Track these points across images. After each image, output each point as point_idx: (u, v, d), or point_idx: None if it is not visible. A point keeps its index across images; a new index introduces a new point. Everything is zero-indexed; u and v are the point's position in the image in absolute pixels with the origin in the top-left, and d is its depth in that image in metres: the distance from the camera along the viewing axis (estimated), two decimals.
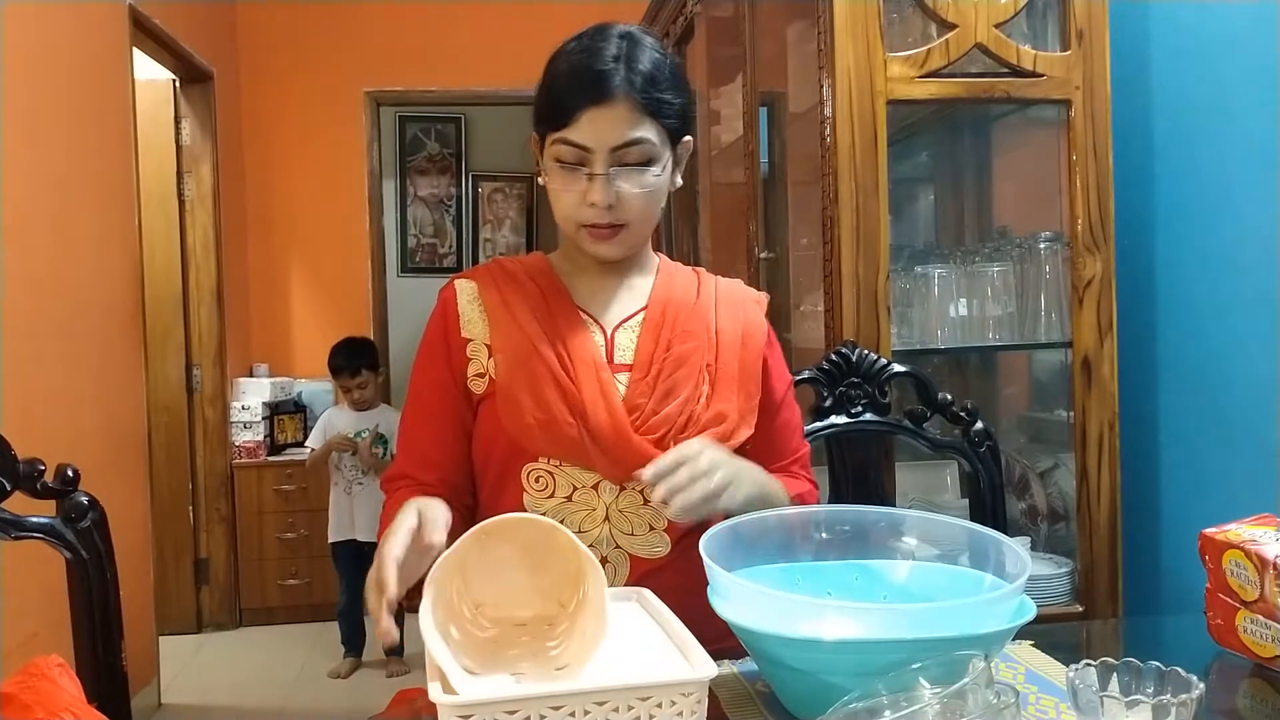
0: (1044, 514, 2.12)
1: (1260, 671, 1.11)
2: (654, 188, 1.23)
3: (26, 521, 1.25)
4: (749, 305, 1.35)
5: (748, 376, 1.29)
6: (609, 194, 1.20)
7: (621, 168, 1.21)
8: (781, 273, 2.49)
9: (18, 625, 2.39)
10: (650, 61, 1.21)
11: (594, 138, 1.19)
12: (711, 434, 1.23)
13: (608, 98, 1.19)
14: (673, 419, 1.23)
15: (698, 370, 1.26)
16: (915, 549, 1.12)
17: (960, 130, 2.47)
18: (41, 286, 2.77)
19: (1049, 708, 1.00)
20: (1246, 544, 1.12)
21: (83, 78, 3.09)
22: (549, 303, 1.30)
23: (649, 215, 1.26)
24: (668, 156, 1.24)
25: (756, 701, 1.03)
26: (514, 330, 1.28)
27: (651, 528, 1.24)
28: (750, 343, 1.31)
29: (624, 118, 1.19)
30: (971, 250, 2.15)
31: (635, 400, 1.24)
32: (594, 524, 1.23)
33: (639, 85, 1.19)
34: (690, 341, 1.27)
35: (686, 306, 1.31)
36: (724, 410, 1.26)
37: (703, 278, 1.37)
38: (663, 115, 1.22)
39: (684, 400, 1.24)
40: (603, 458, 1.22)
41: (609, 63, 1.20)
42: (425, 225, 6.29)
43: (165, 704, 3.51)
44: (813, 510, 1.19)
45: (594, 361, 1.25)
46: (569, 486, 1.24)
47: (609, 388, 1.24)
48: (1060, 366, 2.10)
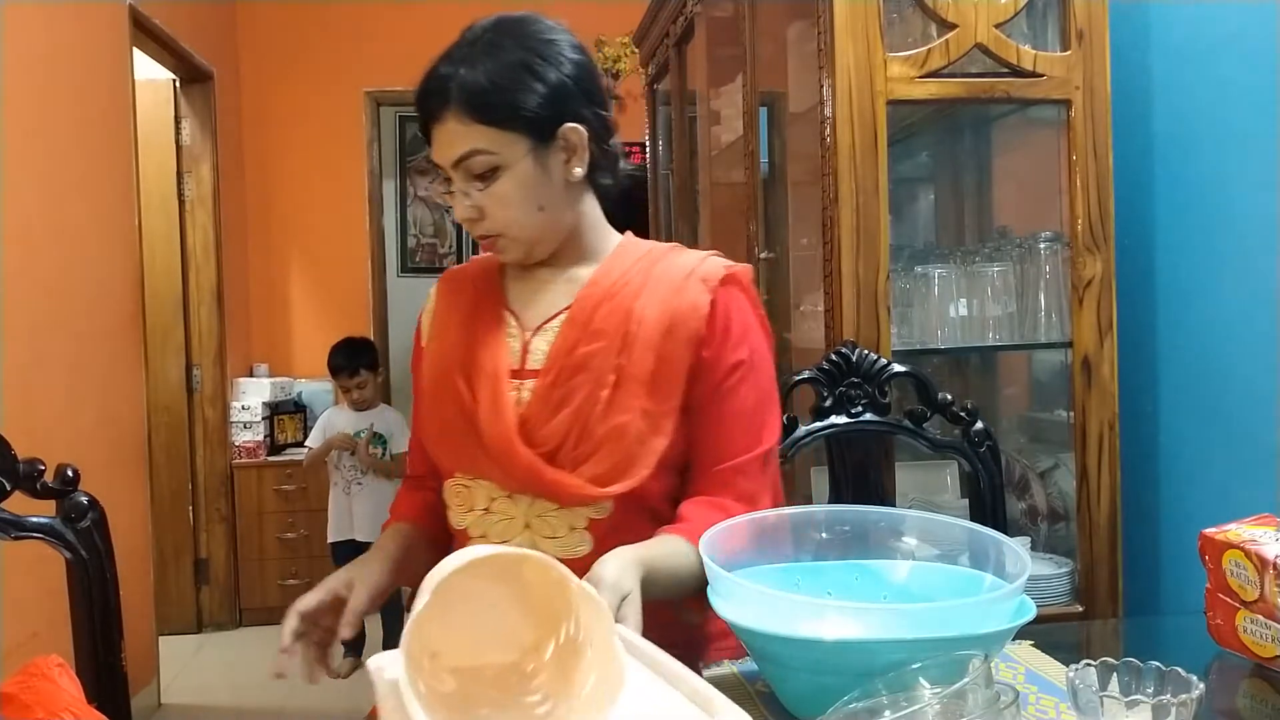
0: (1044, 514, 2.12)
1: (1260, 671, 1.11)
2: (509, 194, 1.17)
3: (26, 521, 1.25)
4: (690, 285, 1.20)
5: (666, 375, 1.17)
6: (467, 209, 1.18)
7: (471, 180, 1.17)
8: (781, 273, 2.49)
9: (18, 625, 2.39)
10: (490, 62, 1.15)
11: (439, 155, 1.18)
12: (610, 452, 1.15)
13: (438, 115, 1.16)
14: (564, 431, 1.16)
15: (600, 374, 1.17)
16: (915, 549, 1.12)
17: (960, 130, 2.47)
18: (41, 287, 2.77)
19: (1049, 708, 1.00)
20: (1246, 544, 1.12)
21: (83, 78, 3.09)
22: (478, 308, 1.27)
23: (517, 220, 1.19)
24: (527, 155, 1.16)
25: (756, 701, 1.03)
26: (440, 341, 1.28)
27: (572, 528, 1.18)
28: (678, 330, 1.18)
29: (456, 131, 1.15)
30: (971, 250, 2.15)
31: (532, 410, 1.18)
32: (515, 532, 1.19)
33: (467, 94, 1.14)
34: (597, 341, 1.18)
35: (611, 298, 1.21)
36: (623, 422, 1.15)
37: (658, 258, 1.25)
38: (501, 118, 1.15)
39: (577, 410, 1.16)
40: (496, 471, 1.19)
41: (438, 77, 1.16)
42: (425, 225, 6.29)
43: (165, 704, 3.51)
44: (812, 510, 1.18)
45: (495, 370, 1.20)
46: (486, 498, 1.21)
47: (502, 398, 1.18)
48: (1060, 366, 2.10)
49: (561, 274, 1.26)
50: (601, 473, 1.15)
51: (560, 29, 1.24)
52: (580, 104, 1.21)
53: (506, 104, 1.15)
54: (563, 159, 1.20)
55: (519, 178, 1.17)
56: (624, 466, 1.15)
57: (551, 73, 1.18)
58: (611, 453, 1.15)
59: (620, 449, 1.15)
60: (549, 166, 1.19)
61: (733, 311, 1.22)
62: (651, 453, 1.16)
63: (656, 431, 1.17)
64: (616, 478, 1.15)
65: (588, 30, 5.66)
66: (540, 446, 1.17)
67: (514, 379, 1.21)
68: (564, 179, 1.21)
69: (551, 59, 1.19)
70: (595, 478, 1.15)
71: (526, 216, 1.19)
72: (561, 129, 1.19)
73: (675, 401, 1.18)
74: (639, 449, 1.16)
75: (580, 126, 1.20)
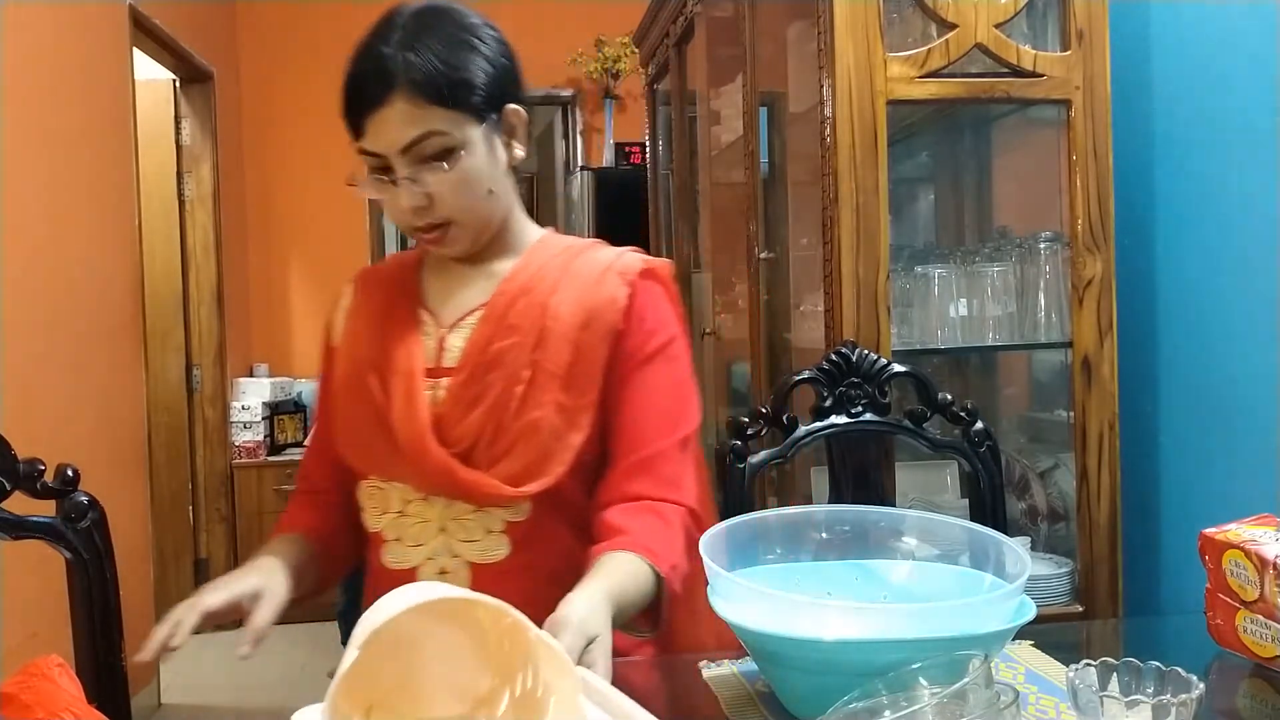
0: (1044, 514, 2.12)
1: (1260, 671, 1.11)
2: (464, 177, 1.14)
3: (26, 521, 1.25)
4: (607, 279, 1.19)
5: (582, 369, 1.16)
6: (416, 196, 1.13)
7: (422, 165, 1.12)
8: (781, 273, 2.49)
9: (18, 625, 2.39)
10: (440, 41, 1.13)
11: (382, 143, 1.13)
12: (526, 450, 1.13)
13: (384, 99, 1.11)
14: (478, 429, 1.14)
15: (515, 370, 1.15)
16: (915, 549, 1.12)
17: (960, 130, 2.47)
18: (42, 287, 2.77)
19: (1049, 708, 1.00)
20: (1246, 544, 1.12)
21: (83, 78, 3.09)
22: (393, 306, 1.24)
23: (470, 206, 1.16)
24: (478, 136, 1.14)
25: (756, 701, 1.03)
26: (353, 340, 1.25)
27: (489, 531, 1.16)
28: (595, 323, 1.17)
29: (406, 115, 1.11)
30: (971, 250, 2.15)
31: (446, 409, 1.15)
32: (430, 536, 1.17)
33: (418, 75, 1.10)
34: (512, 336, 1.16)
35: (527, 293, 1.19)
36: (538, 418, 1.13)
37: (577, 253, 1.24)
38: (455, 99, 1.12)
39: (490, 407, 1.14)
40: (409, 472, 1.16)
41: (379, 61, 1.11)
42: None
43: (165, 704, 3.51)
44: (812, 510, 1.18)
45: (408, 369, 1.17)
46: (400, 501, 1.19)
47: (416, 397, 1.15)
48: (1060, 366, 2.10)
49: (481, 269, 1.23)
50: (517, 471, 1.13)
51: (478, 15, 1.21)
52: (516, 86, 1.20)
53: (460, 83, 1.12)
54: (504, 141, 1.19)
55: (472, 160, 1.14)
56: (540, 464, 1.13)
57: (491, 53, 1.17)
58: (526, 450, 1.13)
59: (535, 445, 1.13)
60: (496, 148, 1.18)
61: (650, 304, 1.21)
62: (568, 449, 1.14)
63: (573, 427, 1.15)
64: (532, 476, 1.13)
65: (588, 30, 5.68)
66: (454, 446, 1.14)
67: (429, 377, 1.18)
68: (506, 162, 1.20)
69: (486, 40, 1.17)
70: (510, 476, 1.13)
71: (478, 201, 1.17)
72: (505, 110, 1.18)
73: (593, 396, 1.16)
74: (555, 445, 1.14)
75: (520, 108, 1.20)
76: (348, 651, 0.74)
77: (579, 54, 4.74)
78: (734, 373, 2.80)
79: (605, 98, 4.86)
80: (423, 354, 1.19)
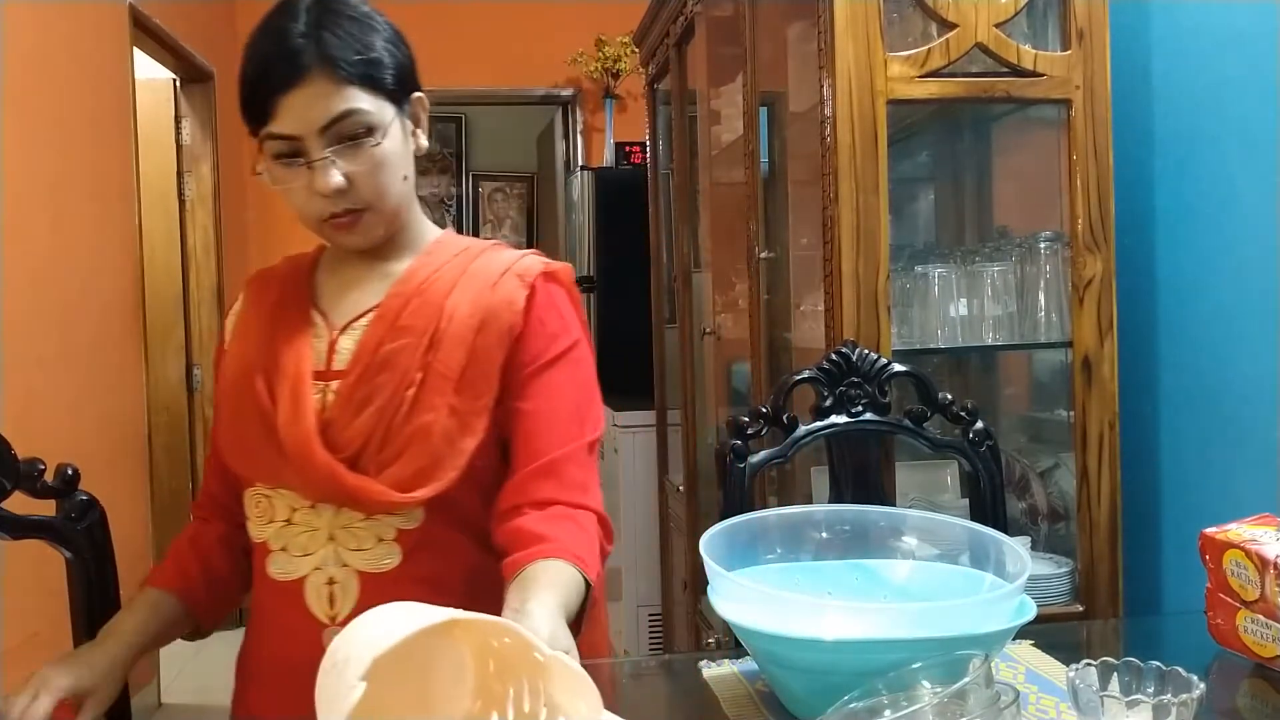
0: (1044, 514, 2.12)
1: (1260, 671, 1.11)
2: (384, 158, 1.12)
3: (26, 521, 1.25)
4: (505, 281, 1.16)
5: (478, 372, 1.13)
6: (334, 178, 1.10)
7: (340, 146, 1.10)
8: (781, 273, 2.49)
9: (18, 625, 2.39)
10: (348, 23, 1.11)
11: (299, 123, 1.09)
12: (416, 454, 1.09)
13: (301, 78, 1.08)
14: (366, 433, 1.10)
15: (405, 372, 1.11)
16: (915, 549, 1.12)
17: (960, 130, 2.47)
18: (42, 286, 2.77)
19: (1049, 708, 1.00)
20: (1247, 544, 1.12)
21: (83, 77, 3.09)
22: (283, 308, 1.21)
23: (389, 190, 1.14)
24: (394, 120, 1.13)
25: (756, 701, 1.03)
26: (243, 342, 1.22)
27: (380, 539, 1.12)
28: (490, 325, 1.14)
29: (326, 93, 1.08)
30: (971, 250, 2.15)
31: (334, 413, 1.12)
32: (318, 545, 1.13)
33: (336, 53, 1.08)
34: (404, 338, 1.13)
35: (421, 294, 1.16)
36: (428, 421, 1.10)
37: (476, 254, 1.21)
38: (373, 79, 1.11)
39: (379, 410, 1.10)
40: (294, 478, 1.13)
41: (296, 39, 1.08)
42: None
43: (165, 704, 3.51)
44: (812, 510, 1.19)
45: (296, 371, 1.14)
46: (287, 509, 1.15)
47: (302, 400, 1.12)
48: (1060, 366, 2.10)
49: (375, 269, 1.21)
50: (407, 476, 1.09)
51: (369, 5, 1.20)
52: (417, 75, 1.20)
53: (377, 63, 1.11)
54: (411, 129, 1.19)
55: (390, 142, 1.13)
56: (430, 469, 1.10)
57: (394, 40, 1.16)
58: (417, 455, 1.10)
59: (426, 450, 1.10)
60: (406, 135, 1.17)
61: (550, 307, 1.18)
62: (460, 454, 1.11)
63: (466, 431, 1.12)
64: (422, 481, 1.10)
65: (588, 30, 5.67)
66: (342, 451, 1.11)
67: (318, 380, 1.14)
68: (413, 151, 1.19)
69: (386, 28, 1.16)
70: (399, 481, 1.09)
71: (395, 186, 1.15)
72: (413, 97, 1.18)
73: (488, 399, 1.13)
74: (446, 449, 1.10)
75: (424, 97, 1.20)
76: (341, 678, 0.68)
77: (579, 54, 4.74)
78: (734, 373, 2.79)
79: (605, 97, 4.86)
80: (311, 356, 1.16)
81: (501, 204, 6.40)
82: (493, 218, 6.39)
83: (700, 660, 1.15)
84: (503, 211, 6.40)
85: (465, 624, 0.74)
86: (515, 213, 6.40)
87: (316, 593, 1.13)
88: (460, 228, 6.30)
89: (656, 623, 3.54)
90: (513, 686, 0.77)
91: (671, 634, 3.35)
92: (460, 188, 6.31)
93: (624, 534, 3.62)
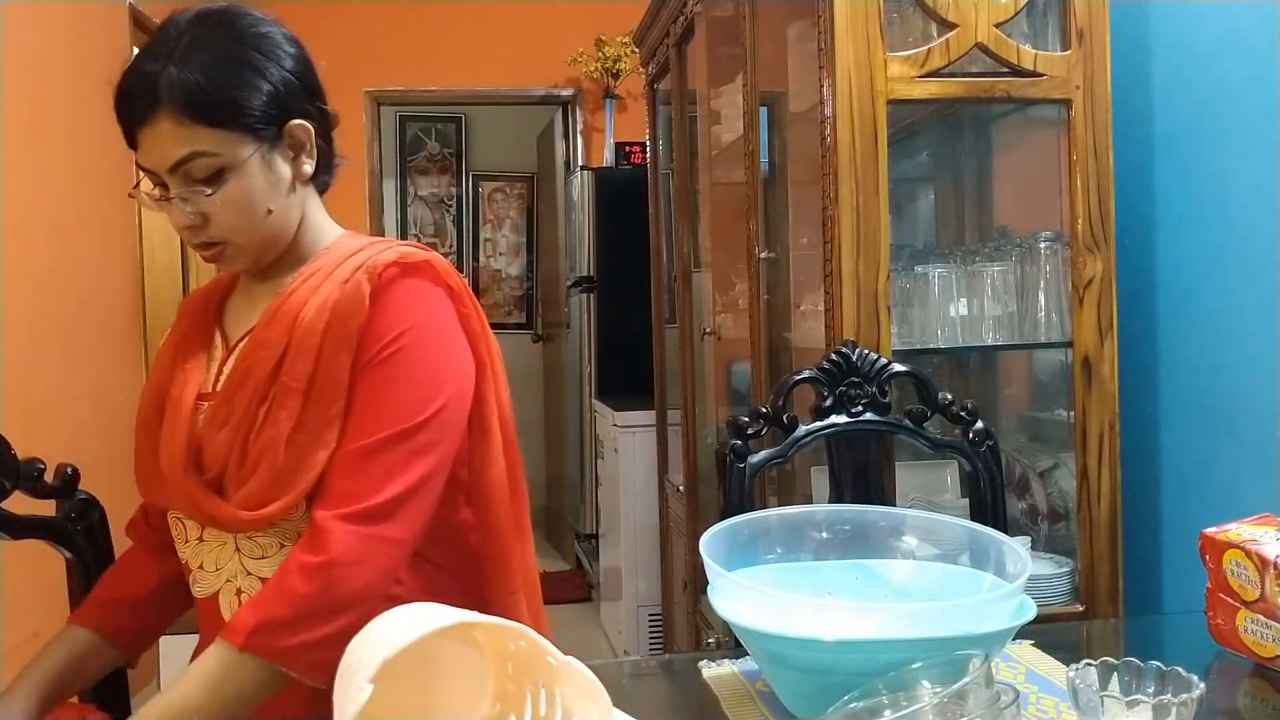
0: (1044, 514, 2.12)
1: (1260, 671, 1.11)
2: (237, 198, 1.09)
3: (26, 521, 1.25)
4: (356, 278, 1.11)
5: (326, 378, 1.08)
6: (189, 216, 1.09)
7: (192, 185, 1.08)
8: (781, 273, 2.49)
9: (18, 625, 2.40)
10: (206, 58, 1.06)
11: (152, 160, 1.08)
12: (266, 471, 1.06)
13: (152, 115, 1.05)
14: (225, 452, 1.09)
15: (258, 387, 1.09)
16: (915, 549, 1.12)
17: (960, 130, 2.47)
18: (42, 286, 2.77)
19: (1049, 708, 1.00)
20: (1247, 544, 1.12)
21: (83, 78, 3.10)
22: (193, 332, 1.21)
23: (247, 226, 1.11)
24: (252, 156, 1.09)
25: (756, 701, 1.03)
26: (157, 368, 1.22)
27: (282, 545, 1.10)
28: (336, 327, 1.09)
29: (171, 134, 1.06)
30: (971, 250, 2.15)
31: (203, 433, 1.11)
32: (227, 558, 1.12)
33: (185, 94, 1.04)
34: (260, 352, 1.10)
35: (286, 303, 1.12)
36: (274, 435, 1.07)
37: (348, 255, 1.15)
38: (223, 118, 1.06)
39: (234, 427, 1.08)
40: (174, 501, 1.14)
41: (144, 78, 1.06)
42: (426, 225, 6.29)
43: None
44: (812, 510, 1.19)
45: (179, 394, 1.14)
46: (197, 528, 1.14)
47: (176, 423, 1.12)
48: (1060, 366, 2.10)
49: (268, 286, 1.19)
50: (258, 493, 1.07)
51: (271, 22, 1.15)
52: (304, 99, 1.15)
53: (228, 103, 1.07)
54: (290, 157, 1.14)
55: (246, 180, 1.09)
56: (278, 485, 1.07)
57: (273, 68, 1.11)
58: (266, 471, 1.07)
59: (273, 466, 1.07)
60: (276, 167, 1.12)
61: (395, 295, 1.11)
62: (310, 467, 1.07)
63: (317, 443, 1.07)
64: (271, 498, 1.07)
65: (588, 30, 5.67)
66: (208, 471, 1.10)
67: (202, 401, 1.14)
68: (292, 178, 1.15)
69: (270, 54, 1.11)
70: (251, 499, 1.07)
71: (254, 221, 1.12)
72: (288, 126, 1.13)
73: (338, 407, 1.08)
74: (296, 464, 1.06)
75: (308, 123, 1.15)
76: (352, 680, 0.69)
77: (579, 54, 4.74)
78: (734, 372, 2.79)
79: (605, 97, 4.86)
80: (199, 379, 1.16)
81: (501, 204, 6.40)
82: (493, 218, 6.39)
83: (700, 660, 1.15)
84: (503, 211, 6.40)
85: (485, 628, 0.74)
86: (515, 213, 6.40)
87: (230, 606, 1.13)
88: (460, 228, 6.31)
89: (656, 623, 3.54)
90: (529, 690, 0.78)
91: (671, 634, 3.35)
92: (460, 188, 6.32)
93: (624, 534, 3.63)
